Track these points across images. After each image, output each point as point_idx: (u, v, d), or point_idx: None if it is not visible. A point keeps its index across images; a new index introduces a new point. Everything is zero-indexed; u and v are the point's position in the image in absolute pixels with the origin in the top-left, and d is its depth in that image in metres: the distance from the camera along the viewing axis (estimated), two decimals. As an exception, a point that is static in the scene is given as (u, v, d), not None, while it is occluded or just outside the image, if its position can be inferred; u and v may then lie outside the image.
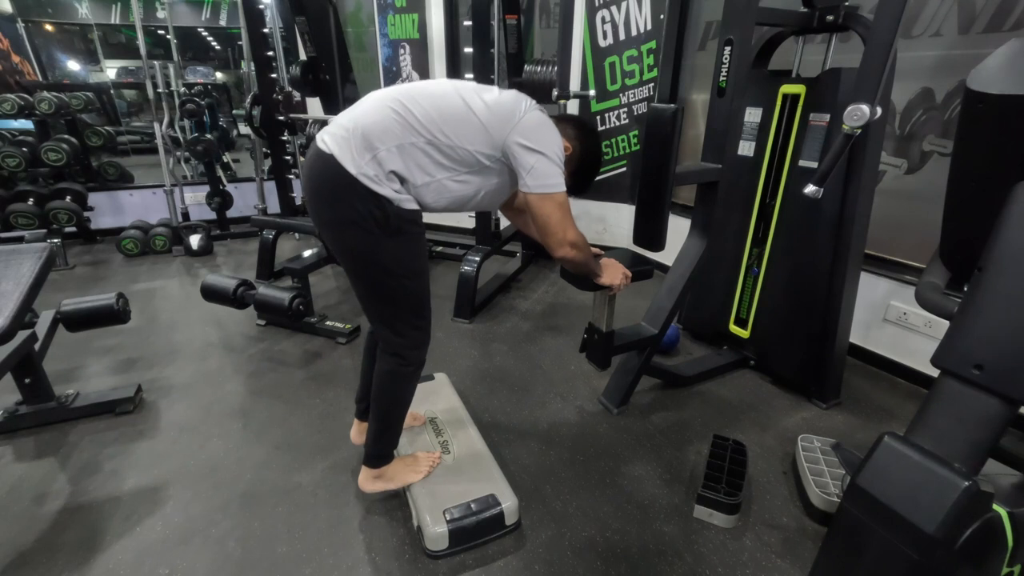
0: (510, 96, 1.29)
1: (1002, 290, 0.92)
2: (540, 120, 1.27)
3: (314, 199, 1.26)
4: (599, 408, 2.06)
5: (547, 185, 1.24)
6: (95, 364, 2.36)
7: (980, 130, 1.05)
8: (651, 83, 3.36)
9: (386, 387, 1.41)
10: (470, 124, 1.23)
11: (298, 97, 3.51)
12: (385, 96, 1.25)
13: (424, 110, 1.21)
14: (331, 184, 1.20)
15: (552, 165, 1.24)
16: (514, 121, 1.23)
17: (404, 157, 1.20)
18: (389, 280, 1.29)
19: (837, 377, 2.10)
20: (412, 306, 1.35)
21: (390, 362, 1.38)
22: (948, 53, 2.00)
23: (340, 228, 1.24)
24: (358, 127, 1.19)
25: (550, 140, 1.26)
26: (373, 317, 1.41)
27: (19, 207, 3.59)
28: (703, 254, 1.93)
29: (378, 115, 1.21)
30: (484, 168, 1.28)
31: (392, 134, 1.19)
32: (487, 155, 1.25)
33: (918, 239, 2.17)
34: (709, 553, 1.43)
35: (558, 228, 1.29)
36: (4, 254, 1.71)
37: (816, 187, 1.57)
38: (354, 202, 1.19)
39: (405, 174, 1.21)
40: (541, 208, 1.26)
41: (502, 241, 3.27)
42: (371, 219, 1.20)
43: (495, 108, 1.25)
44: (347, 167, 1.17)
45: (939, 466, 0.85)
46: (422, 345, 1.41)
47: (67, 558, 1.40)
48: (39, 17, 6.26)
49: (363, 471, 1.51)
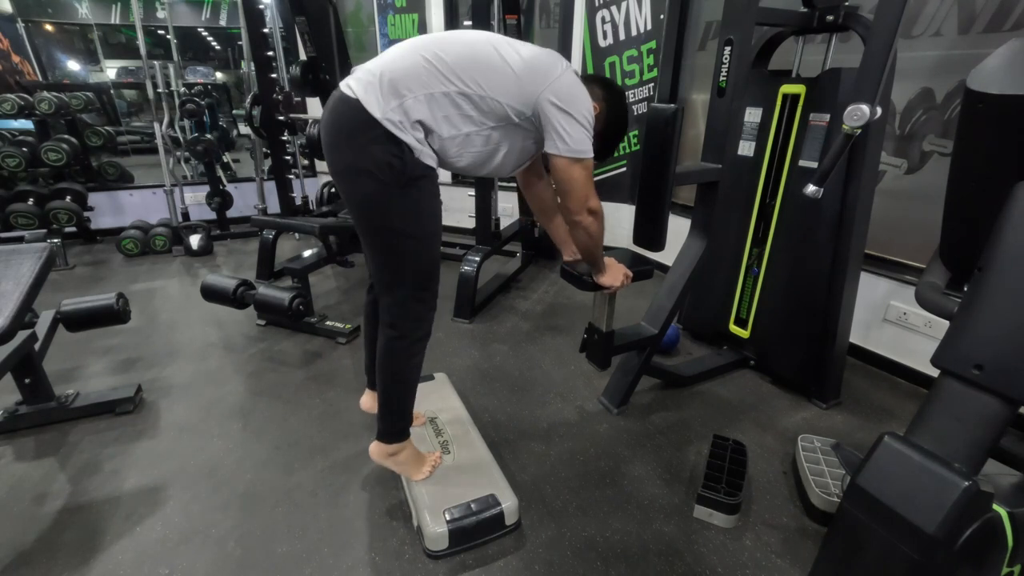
0: (546, 53, 1.27)
1: (1002, 290, 0.92)
2: (575, 82, 1.25)
3: (332, 143, 1.22)
4: (599, 408, 2.06)
5: (577, 151, 1.23)
6: (95, 364, 2.36)
7: (980, 130, 1.05)
8: (651, 83, 3.36)
9: (384, 362, 1.38)
10: (504, 75, 1.20)
11: (298, 97, 3.52)
12: (415, 43, 1.22)
13: (456, 58, 1.18)
14: (351, 127, 1.17)
15: (583, 130, 1.23)
16: (551, 79, 1.21)
17: (432, 107, 1.18)
18: (396, 239, 1.25)
19: (837, 377, 2.10)
20: (416, 273, 1.30)
21: (387, 333, 1.35)
22: (948, 53, 2.00)
23: (354, 176, 1.20)
24: (386, 73, 1.17)
25: (583, 104, 1.24)
26: (377, 279, 1.36)
27: (19, 207, 3.60)
28: (703, 254, 1.93)
29: (407, 61, 1.18)
30: (511, 124, 1.26)
31: (421, 81, 1.17)
32: (517, 111, 1.23)
33: (918, 239, 2.17)
34: (709, 553, 1.43)
35: (581, 193, 1.28)
36: (4, 254, 1.71)
37: (816, 187, 1.57)
38: (372, 148, 1.16)
39: (431, 124, 1.19)
40: (568, 171, 1.25)
41: (502, 241, 3.27)
42: (386, 168, 1.16)
43: (531, 62, 1.22)
44: (371, 110, 1.14)
45: (939, 466, 0.85)
46: (422, 319, 1.35)
47: (67, 558, 1.40)
48: (39, 17, 6.26)
49: (376, 443, 1.47)
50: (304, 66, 3.07)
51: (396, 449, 1.48)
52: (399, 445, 1.48)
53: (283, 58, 3.74)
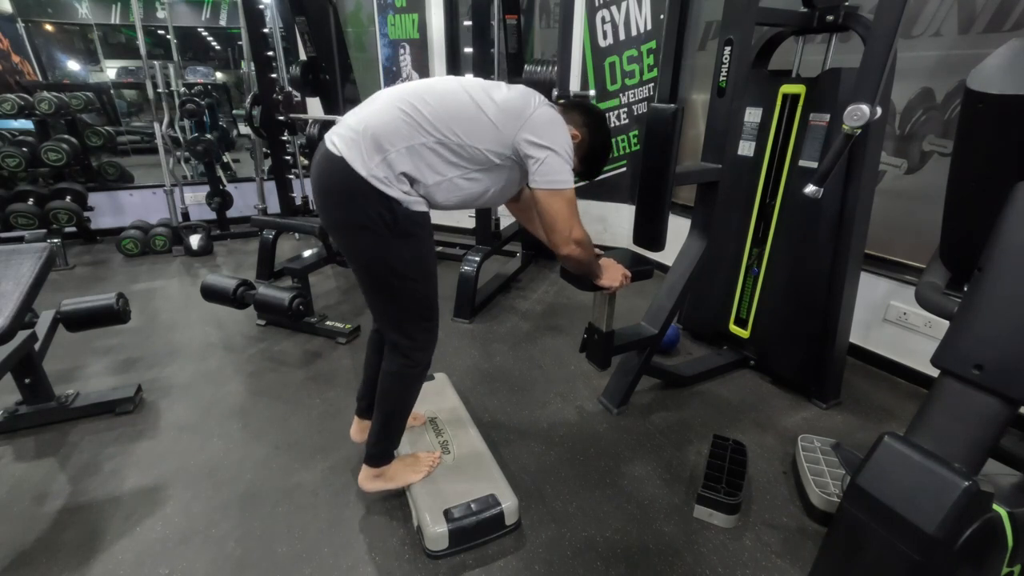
0: (519, 92, 1.29)
1: (1002, 290, 0.92)
2: (550, 116, 1.27)
3: (324, 201, 1.26)
4: (599, 408, 2.06)
5: (556, 181, 1.25)
6: (95, 364, 2.36)
7: (980, 130, 1.05)
8: (651, 83, 3.36)
9: (391, 387, 1.42)
10: (480, 123, 1.23)
11: (298, 97, 3.51)
12: (393, 96, 1.24)
13: (433, 109, 1.21)
14: (341, 186, 1.20)
15: (561, 161, 1.25)
16: (524, 118, 1.24)
17: (414, 158, 1.21)
18: (397, 282, 1.29)
19: (837, 377, 2.10)
20: (420, 308, 1.35)
21: (397, 363, 1.39)
22: (948, 53, 2.00)
23: (350, 230, 1.25)
24: (367, 129, 1.19)
25: (559, 136, 1.26)
26: (381, 318, 1.41)
27: (19, 207, 3.59)
28: (703, 254, 1.93)
29: (387, 116, 1.21)
30: (494, 166, 1.28)
31: (401, 135, 1.19)
32: (497, 153, 1.26)
33: (918, 239, 2.17)
34: (709, 553, 1.43)
35: (564, 225, 1.29)
36: (4, 254, 1.71)
37: (816, 187, 1.57)
38: (364, 204, 1.19)
39: (415, 175, 1.22)
40: (549, 204, 1.27)
41: (502, 241, 3.27)
42: (380, 221, 1.20)
43: (504, 106, 1.25)
44: (357, 169, 1.17)
45: (939, 466, 0.85)
46: (429, 346, 1.41)
47: (67, 558, 1.40)
48: (39, 17, 6.26)
49: (364, 470, 1.51)
50: (304, 66, 3.07)
51: (383, 469, 1.51)
52: (387, 465, 1.51)
53: (283, 58, 3.73)
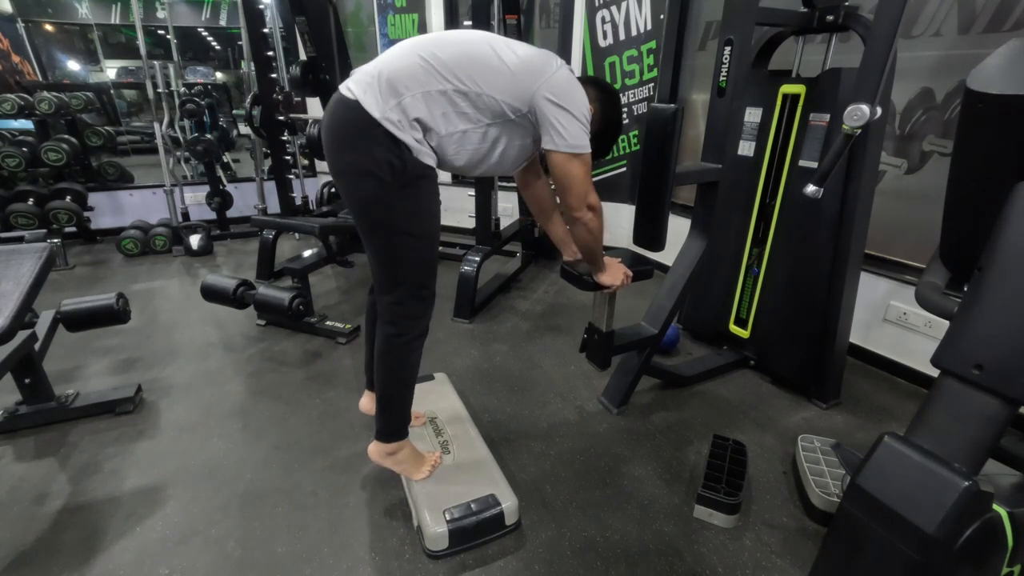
0: (541, 52, 1.29)
1: (1002, 290, 0.92)
2: (570, 78, 1.27)
3: (333, 144, 1.24)
4: (599, 408, 2.06)
5: (574, 146, 1.24)
6: (95, 364, 2.36)
7: (980, 130, 1.05)
8: (651, 83, 3.36)
9: (385, 359, 1.39)
10: (499, 72, 1.22)
11: (298, 97, 3.52)
12: (413, 43, 1.24)
13: (452, 56, 1.20)
14: (352, 128, 1.19)
15: (580, 125, 1.24)
16: (545, 75, 1.23)
17: (429, 104, 1.19)
18: (396, 237, 1.26)
19: (837, 377, 2.10)
20: (416, 271, 1.32)
21: (385, 331, 1.36)
22: (948, 53, 2.00)
23: (355, 176, 1.22)
24: (383, 73, 1.19)
25: (578, 100, 1.25)
26: (377, 279, 1.37)
27: (19, 207, 3.60)
28: (703, 254, 1.93)
29: (404, 61, 1.20)
30: (508, 121, 1.27)
31: (418, 80, 1.18)
32: (513, 107, 1.24)
33: (918, 239, 2.17)
34: (709, 553, 1.43)
35: (580, 188, 1.28)
36: (4, 254, 1.71)
37: (816, 187, 1.57)
38: (372, 148, 1.18)
39: (429, 122, 1.21)
40: (566, 167, 1.26)
41: (502, 241, 3.27)
42: (387, 167, 1.19)
43: (526, 60, 1.24)
44: (371, 111, 1.16)
45: (939, 466, 0.85)
46: (420, 316, 1.37)
47: (67, 558, 1.40)
48: (39, 17, 6.26)
49: (375, 444, 1.48)
50: (304, 66, 3.07)
51: (395, 448, 1.48)
52: (398, 444, 1.48)
53: (283, 58, 3.74)
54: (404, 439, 1.50)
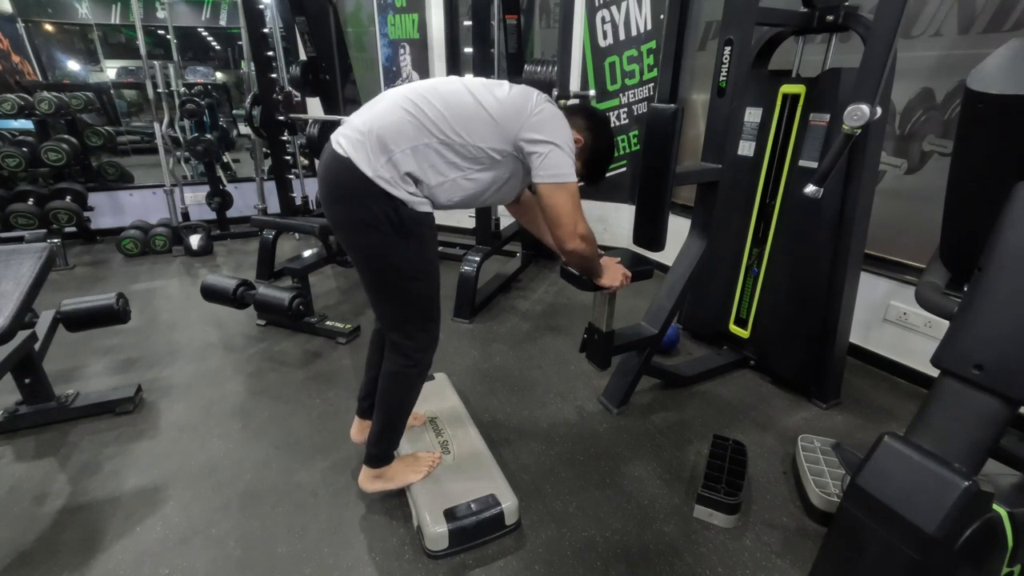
0: (520, 91, 1.30)
1: (1002, 290, 0.92)
2: (551, 113, 1.28)
3: (329, 200, 1.28)
4: (599, 408, 2.06)
5: (558, 175, 1.25)
6: (95, 364, 2.36)
7: (980, 130, 1.05)
8: (651, 83, 3.36)
9: (392, 388, 1.42)
10: (482, 121, 1.24)
11: (298, 97, 3.51)
12: (398, 97, 1.26)
13: (436, 110, 1.22)
14: (347, 186, 1.21)
15: (563, 155, 1.25)
16: (525, 115, 1.25)
17: (418, 158, 1.22)
18: (400, 281, 1.30)
19: (837, 377, 2.10)
20: (422, 308, 1.36)
21: (397, 363, 1.39)
22: (948, 53, 2.00)
23: (354, 229, 1.26)
24: (373, 130, 1.21)
25: (561, 131, 1.27)
26: (383, 318, 1.42)
27: (19, 207, 3.59)
28: (703, 254, 1.93)
29: (393, 116, 1.22)
30: (496, 163, 1.29)
31: (406, 136, 1.21)
32: (499, 151, 1.27)
33: (918, 239, 2.17)
34: (709, 553, 1.43)
35: (568, 219, 1.29)
36: (4, 254, 1.71)
37: (816, 187, 1.57)
38: (369, 204, 1.21)
39: (419, 175, 1.23)
40: (553, 198, 1.27)
41: (502, 241, 3.27)
42: (385, 220, 1.22)
43: (506, 103, 1.26)
44: (363, 170, 1.19)
45: (939, 466, 0.85)
46: (430, 347, 1.42)
47: (67, 558, 1.40)
48: (39, 17, 6.26)
49: (364, 470, 1.51)
50: (304, 66, 3.07)
51: (383, 470, 1.51)
52: (387, 466, 1.51)
53: (283, 58, 3.73)
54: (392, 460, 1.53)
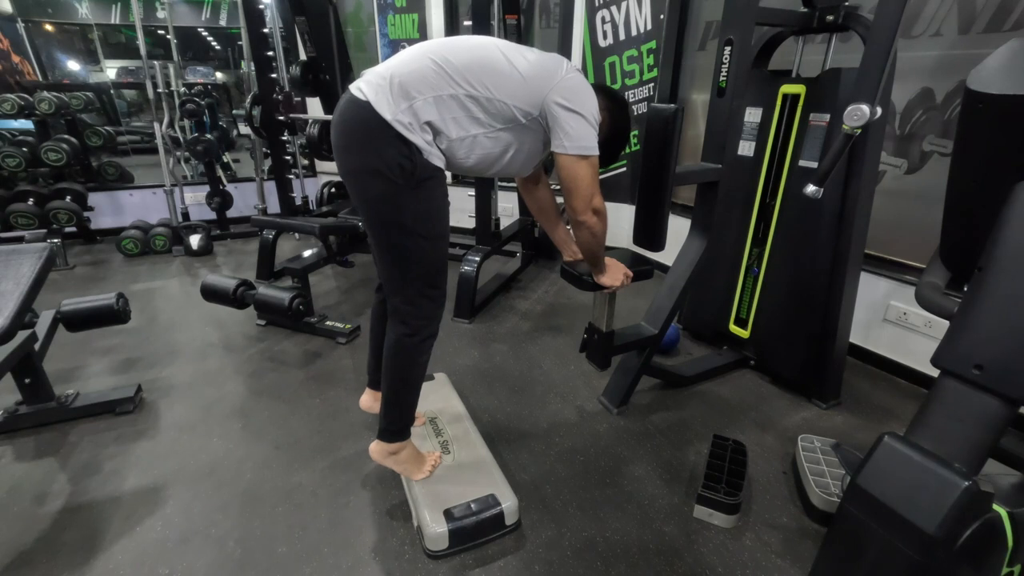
0: (552, 56, 1.30)
1: (1002, 290, 0.92)
2: (581, 82, 1.28)
3: (343, 145, 1.25)
4: (599, 408, 2.06)
5: (583, 147, 1.25)
6: (95, 364, 2.36)
7: (980, 130, 1.05)
8: (651, 83, 3.36)
9: (392, 358, 1.39)
10: (510, 78, 1.23)
11: (298, 97, 3.52)
12: (424, 48, 1.25)
13: (464, 61, 1.21)
14: (363, 128, 1.19)
15: (589, 128, 1.25)
16: (556, 79, 1.24)
17: (440, 108, 1.20)
18: (406, 238, 1.27)
19: (837, 377, 2.10)
20: (426, 271, 1.32)
21: (397, 330, 1.37)
22: (948, 53, 2.00)
23: (365, 176, 1.23)
24: (395, 76, 1.19)
25: (589, 103, 1.26)
26: (387, 279, 1.37)
27: (19, 207, 3.59)
28: (703, 254, 1.93)
29: (416, 64, 1.21)
30: (519, 126, 1.28)
31: (429, 84, 1.19)
32: (524, 112, 1.25)
33: (918, 239, 2.17)
34: (709, 553, 1.43)
35: (587, 190, 1.29)
36: (4, 254, 1.71)
37: (816, 187, 1.57)
38: (383, 148, 1.18)
39: (440, 126, 1.21)
40: (574, 169, 1.26)
41: (502, 241, 3.27)
42: (397, 168, 1.19)
43: (537, 64, 1.25)
44: (383, 113, 1.17)
45: (939, 466, 0.85)
46: (432, 317, 1.38)
47: (67, 558, 1.40)
48: (39, 17, 6.27)
49: (377, 443, 1.48)
50: (304, 66, 3.07)
51: (397, 448, 1.48)
52: (400, 444, 1.48)
53: (283, 58, 3.74)
54: (407, 439, 1.50)
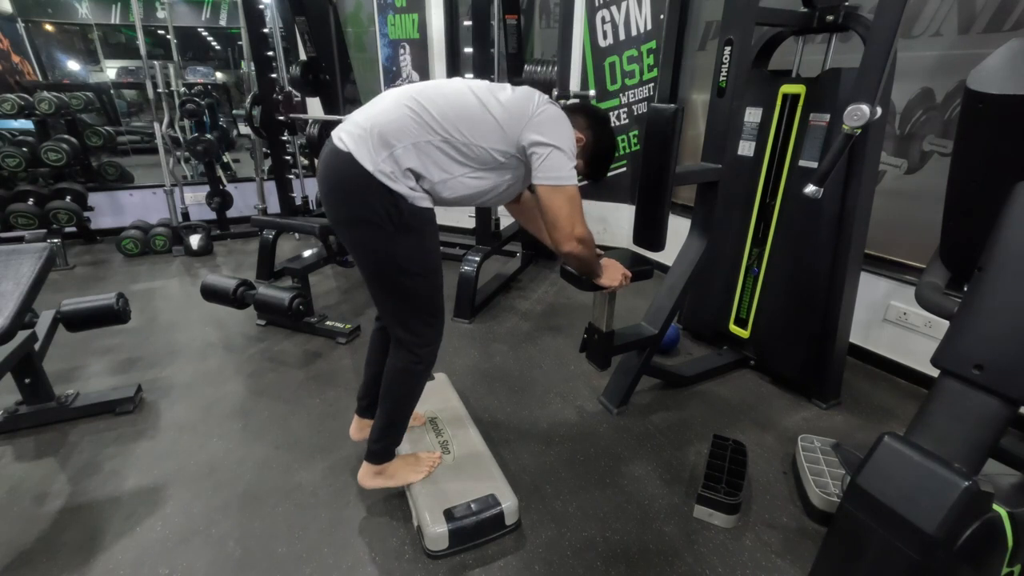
0: (522, 93, 1.31)
1: (1002, 290, 0.92)
2: (553, 114, 1.28)
3: (330, 196, 1.27)
4: (599, 408, 2.06)
5: (558, 177, 1.25)
6: (95, 364, 2.36)
7: (980, 130, 1.05)
8: (651, 83, 3.36)
9: (396, 384, 1.42)
10: (485, 123, 1.25)
11: (298, 97, 3.51)
12: (401, 95, 1.26)
13: (440, 108, 1.23)
14: (348, 181, 1.21)
15: (564, 158, 1.26)
16: (527, 117, 1.25)
17: (420, 155, 1.22)
18: (402, 278, 1.30)
19: (837, 377, 2.10)
20: (425, 304, 1.36)
21: (402, 359, 1.39)
22: (948, 53, 2.00)
23: (355, 225, 1.26)
24: (375, 126, 1.21)
25: (563, 134, 1.27)
26: (386, 315, 1.41)
27: (19, 207, 3.59)
28: (703, 254, 1.93)
29: (395, 114, 1.22)
30: (500, 165, 1.30)
31: (408, 132, 1.21)
32: (502, 152, 1.27)
33: (918, 239, 2.17)
34: (709, 553, 1.43)
35: (566, 222, 1.29)
36: (4, 254, 1.71)
37: (816, 187, 1.57)
38: (369, 199, 1.20)
39: (421, 171, 1.23)
40: (551, 200, 1.27)
41: (502, 241, 3.27)
42: (386, 216, 1.21)
43: (509, 106, 1.27)
44: (364, 164, 1.19)
45: (939, 466, 0.85)
46: (434, 342, 1.42)
47: (67, 558, 1.40)
48: (39, 17, 6.26)
49: (364, 466, 1.50)
50: (304, 66, 3.07)
51: (384, 467, 1.51)
52: (387, 464, 1.51)
53: (283, 58, 3.73)
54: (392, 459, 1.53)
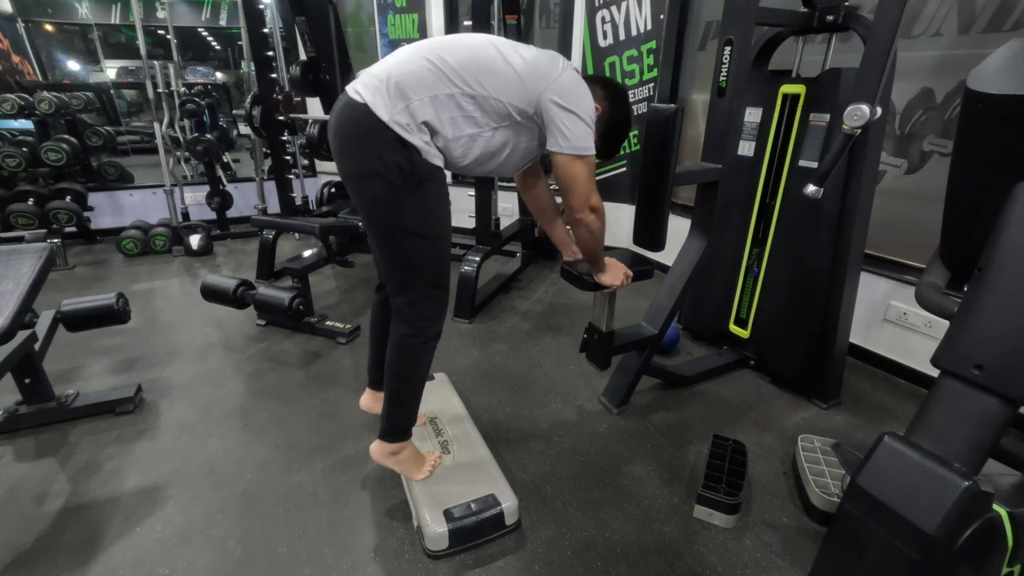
0: (547, 53, 1.30)
1: (1002, 290, 0.92)
2: (576, 80, 1.27)
3: (341, 148, 1.25)
4: (599, 408, 2.06)
5: (579, 148, 1.25)
6: (95, 364, 2.36)
7: (980, 130, 1.05)
8: (651, 83, 3.36)
9: (395, 359, 1.39)
10: (505, 76, 1.23)
11: (298, 97, 3.52)
12: (419, 47, 1.25)
13: (459, 60, 1.21)
14: (361, 131, 1.19)
15: (585, 127, 1.25)
16: (551, 77, 1.23)
17: (437, 108, 1.20)
18: (407, 239, 1.27)
19: (837, 377, 2.10)
20: (428, 272, 1.32)
21: (401, 331, 1.37)
22: (948, 53, 2.00)
23: (364, 178, 1.23)
24: (392, 76, 1.19)
25: (584, 101, 1.26)
26: (389, 280, 1.37)
27: (19, 207, 3.59)
28: (703, 254, 1.93)
29: (412, 65, 1.21)
30: (515, 124, 1.28)
31: (425, 84, 1.19)
32: (520, 110, 1.25)
33: (918, 239, 2.17)
34: (709, 553, 1.43)
35: (583, 189, 1.29)
36: (4, 254, 1.71)
37: (816, 187, 1.57)
38: (381, 150, 1.19)
39: (436, 125, 1.22)
40: (570, 169, 1.26)
41: (502, 241, 3.27)
42: (396, 170, 1.19)
43: (532, 62, 1.25)
44: (380, 114, 1.17)
45: (939, 466, 0.85)
46: (435, 318, 1.38)
47: (67, 558, 1.40)
48: (39, 17, 6.26)
49: (378, 443, 1.48)
50: (304, 66, 3.07)
51: (398, 448, 1.48)
52: (401, 444, 1.48)
53: (283, 58, 3.74)
54: (408, 440, 1.50)
